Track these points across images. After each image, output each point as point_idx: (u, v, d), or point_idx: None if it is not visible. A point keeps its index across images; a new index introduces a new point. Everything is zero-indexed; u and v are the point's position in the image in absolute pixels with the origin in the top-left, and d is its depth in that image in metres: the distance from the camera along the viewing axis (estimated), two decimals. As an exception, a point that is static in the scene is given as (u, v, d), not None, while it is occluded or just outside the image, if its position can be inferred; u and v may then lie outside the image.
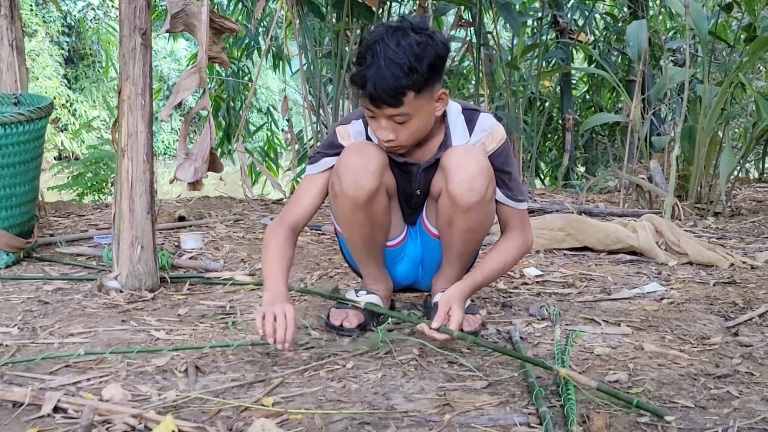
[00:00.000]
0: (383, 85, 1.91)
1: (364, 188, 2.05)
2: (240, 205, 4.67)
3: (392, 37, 1.92)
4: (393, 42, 1.91)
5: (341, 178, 2.07)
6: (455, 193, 2.05)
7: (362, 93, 1.96)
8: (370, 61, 1.92)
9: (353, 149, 2.10)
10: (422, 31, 1.94)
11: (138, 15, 2.59)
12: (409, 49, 1.91)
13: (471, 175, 2.04)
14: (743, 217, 4.44)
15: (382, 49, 1.91)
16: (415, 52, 1.91)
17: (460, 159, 2.06)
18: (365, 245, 2.20)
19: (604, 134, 7.88)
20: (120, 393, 1.73)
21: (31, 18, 15.46)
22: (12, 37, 3.70)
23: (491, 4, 5.00)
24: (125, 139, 2.62)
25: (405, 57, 1.90)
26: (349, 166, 2.06)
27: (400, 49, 1.90)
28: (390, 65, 1.90)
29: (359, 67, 1.95)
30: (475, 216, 2.09)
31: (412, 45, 1.91)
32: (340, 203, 2.11)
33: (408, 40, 1.92)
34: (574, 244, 3.49)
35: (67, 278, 2.86)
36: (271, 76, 17.04)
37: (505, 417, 1.65)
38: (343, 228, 2.20)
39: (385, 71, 1.90)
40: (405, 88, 1.92)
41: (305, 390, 1.81)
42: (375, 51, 1.91)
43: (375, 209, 2.11)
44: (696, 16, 4.47)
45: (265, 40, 6.05)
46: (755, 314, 2.43)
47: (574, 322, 2.38)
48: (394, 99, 1.93)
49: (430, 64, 1.93)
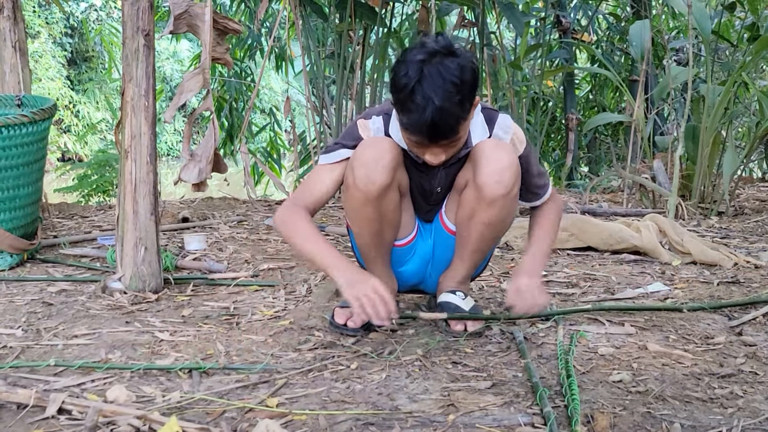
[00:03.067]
0: (444, 127, 1.89)
1: (376, 182, 2.04)
2: (243, 206, 4.68)
3: (432, 70, 1.87)
4: (437, 77, 1.86)
5: (354, 171, 2.06)
6: (483, 183, 2.05)
7: (419, 137, 1.94)
8: (423, 104, 1.86)
9: (369, 143, 2.09)
10: (451, 52, 1.91)
11: (141, 16, 2.59)
12: (455, 78, 1.86)
13: (501, 168, 2.05)
14: (747, 216, 4.44)
15: (429, 89, 1.85)
16: (461, 80, 1.87)
17: (492, 151, 2.07)
18: (373, 241, 2.20)
19: (608, 134, 7.88)
20: (124, 394, 1.73)
21: (33, 19, 15.50)
22: (15, 38, 3.70)
23: (494, 5, 5.00)
24: (128, 141, 2.62)
25: (454, 90, 1.86)
26: (363, 159, 2.06)
27: (447, 83, 1.86)
28: (445, 103, 1.85)
29: (410, 113, 1.89)
30: (498, 211, 2.09)
31: (454, 73, 1.87)
32: (352, 196, 2.10)
33: (448, 70, 1.87)
34: (578, 244, 3.49)
35: (70, 280, 2.86)
36: (274, 77, 17.09)
37: (510, 417, 1.65)
38: (353, 222, 2.20)
39: (443, 114, 1.86)
40: (460, 119, 1.92)
41: (309, 391, 1.81)
42: (424, 93, 1.86)
43: (385, 205, 2.10)
44: (699, 15, 4.47)
45: (268, 40, 6.05)
46: (759, 314, 2.42)
47: (578, 322, 2.38)
48: (453, 133, 1.93)
49: (471, 86, 1.91)
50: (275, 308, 2.52)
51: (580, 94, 8.40)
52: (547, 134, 7.44)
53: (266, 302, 2.61)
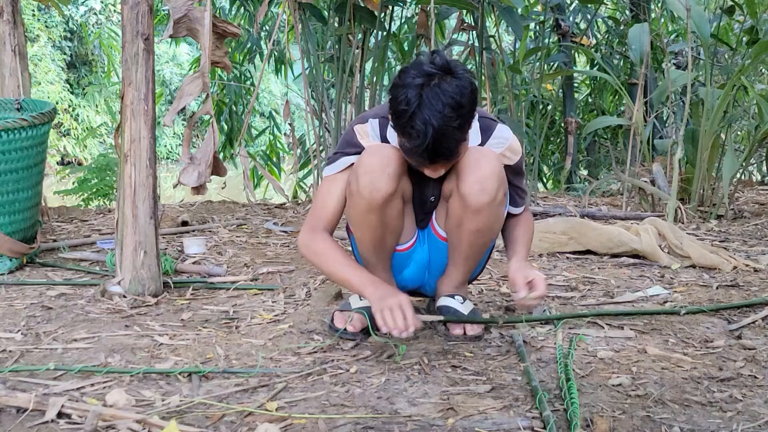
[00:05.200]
0: (444, 150, 1.92)
1: (381, 190, 2.04)
2: (243, 209, 4.68)
3: (431, 94, 1.87)
4: (436, 102, 1.87)
5: (359, 178, 2.06)
6: (466, 193, 2.06)
7: (420, 160, 1.96)
8: (423, 129, 1.87)
9: (374, 150, 2.08)
10: (448, 71, 1.91)
11: (140, 20, 2.59)
12: (453, 102, 1.87)
13: (483, 177, 2.05)
14: (746, 219, 4.44)
15: (429, 115, 1.86)
16: (459, 103, 1.88)
17: (473, 160, 2.07)
18: (375, 247, 2.20)
19: (607, 137, 7.88)
20: (124, 398, 1.73)
21: (33, 23, 15.49)
22: (14, 42, 3.71)
23: (493, 8, 5.01)
24: (128, 145, 2.62)
25: (454, 115, 1.87)
26: (368, 167, 2.05)
27: (446, 108, 1.86)
28: (444, 128, 1.87)
29: (411, 138, 1.90)
30: (485, 218, 2.10)
31: (453, 97, 1.87)
32: (355, 203, 2.10)
33: (446, 93, 1.87)
34: (577, 248, 3.49)
35: (70, 283, 2.86)
36: (274, 81, 17.09)
37: (509, 421, 1.65)
38: (355, 228, 2.20)
39: (443, 138, 1.89)
40: (460, 142, 1.94)
41: (309, 394, 1.81)
42: (423, 118, 1.86)
43: (389, 213, 2.11)
44: (698, 19, 4.47)
45: (267, 44, 6.05)
46: (758, 317, 2.42)
47: (578, 326, 2.38)
48: (453, 155, 1.96)
49: (470, 108, 1.92)
50: (275, 312, 2.52)
51: (580, 97, 8.40)
52: (546, 138, 7.44)
53: (266, 306, 2.61)
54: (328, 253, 2.12)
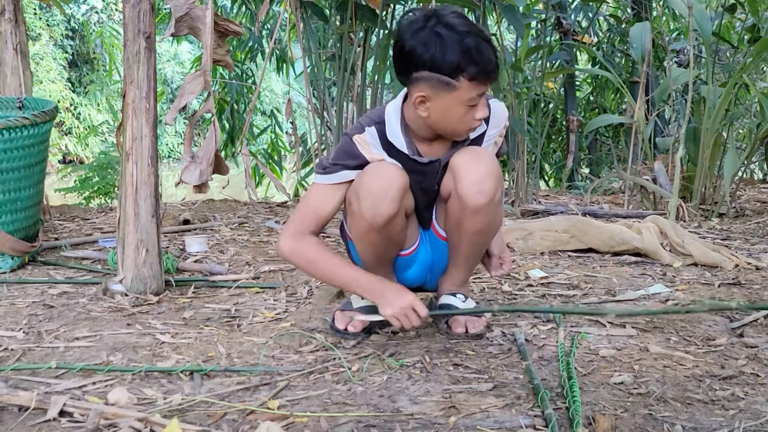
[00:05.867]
0: (495, 51, 1.96)
1: (383, 214, 2.01)
2: (245, 207, 4.68)
3: (450, 21, 1.92)
4: (458, 22, 1.92)
5: (360, 201, 2.02)
6: (464, 195, 2.05)
7: (488, 76, 1.96)
8: (475, 43, 1.90)
9: (375, 172, 2.03)
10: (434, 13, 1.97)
11: (142, 19, 2.59)
12: (466, 19, 1.96)
13: (480, 178, 2.04)
14: (748, 218, 4.44)
15: (466, 33, 1.90)
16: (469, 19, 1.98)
17: (469, 161, 2.06)
18: (376, 260, 2.18)
19: (608, 136, 7.88)
20: (125, 397, 1.73)
21: (34, 21, 15.51)
22: (16, 40, 3.71)
23: (495, 6, 5.00)
24: (130, 143, 2.62)
25: (476, 25, 1.96)
26: (371, 190, 2.01)
27: (467, 20, 1.95)
28: (485, 36, 1.94)
29: (482, 54, 1.91)
30: (484, 218, 2.09)
31: (461, 14, 1.97)
32: (356, 222, 2.07)
33: (453, 16, 1.94)
34: (579, 246, 3.49)
35: (72, 282, 2.87)
36: (275, 79, 17.10)
37: (511, 419, 1.65)
38: (357, 242, 2.16)
39: (488, 40, 1.95)
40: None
41: (311, 393, 1.81)
42: (481, 34, 1.92)
43: (391, 230, 2.08)
44: (699, 17, 4.47)
45: (268, 42, 6.05)
46: (760, 315, 2.42)
47: (579, 324, 2.38)
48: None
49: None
50: (276, 310, 2.52)
51: (581, 95, 8.40)
52: (548, 136, 7.43)
53: (267, 304, 2.61)
54: (324, 259, 2.08)
